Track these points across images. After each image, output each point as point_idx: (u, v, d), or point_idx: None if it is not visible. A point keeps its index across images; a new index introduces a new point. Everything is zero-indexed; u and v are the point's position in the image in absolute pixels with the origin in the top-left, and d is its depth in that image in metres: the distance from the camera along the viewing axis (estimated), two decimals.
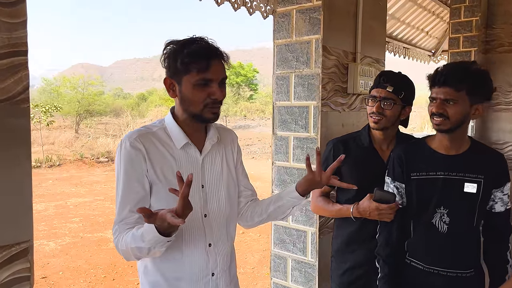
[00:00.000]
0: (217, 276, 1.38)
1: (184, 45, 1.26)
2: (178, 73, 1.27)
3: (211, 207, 1.37)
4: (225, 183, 1.43)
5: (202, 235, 1.35)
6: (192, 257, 1.33)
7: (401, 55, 5.60)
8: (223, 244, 1.41)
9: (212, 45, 1.29)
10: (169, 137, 1.34)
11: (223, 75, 1.30)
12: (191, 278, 1.33)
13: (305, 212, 2.52)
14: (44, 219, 8.04)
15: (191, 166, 1.35)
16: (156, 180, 1.29)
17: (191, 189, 1.29)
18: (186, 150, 1.35)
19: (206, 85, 1.26)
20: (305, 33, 2.44)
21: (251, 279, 5.08)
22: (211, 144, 1.40)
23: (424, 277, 1.69)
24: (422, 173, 1.68)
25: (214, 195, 1.39)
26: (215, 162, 1.42)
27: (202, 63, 1.24)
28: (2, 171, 1.13)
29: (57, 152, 16.57)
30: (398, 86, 1.88)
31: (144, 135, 1.31)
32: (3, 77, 1.12)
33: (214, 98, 1.27)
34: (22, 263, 1.18)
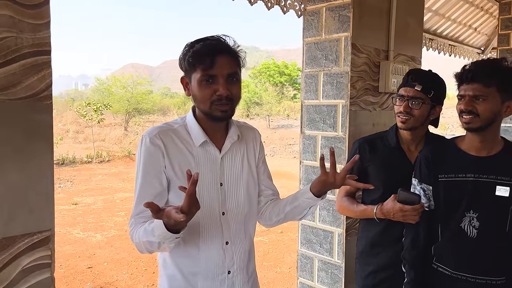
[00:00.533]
0: (233, 274, 1.38)
1: (192, 45, 1.28)
2: (188, 72, 1.29)
3: (229, 205, 1.37)
4: (244, 182, 1.42)
5: (219, 233, 1.35)
6: (208, 254, 1.34)
7: (446, 52, 5.38)
8: (240, 242, 1.40)
9: (219, 42, 1.29)
10: (189, 135, 1.35)
11: (229, 70, 1.27)
12: (207, 274, 1.35)
13: (332, 213, 2.49)
14: (93, 212, 8.42)
15: (210, 164, 1.35)
16: (174, 176, 1.31)
17: (209, 187, 1.32)
18: (205, 148, 1.35)
19: (212, 81, 1.26)
20: (334, 31, 2.41)
21: (288, 279, 5.08)
22: (231, 143, 1.39)
23: (452, 283, 1.63)
24: (451, 175, 1.62)
25: (233, 193, 1.39)
26: (235, 160, 1.41)
27: (206, 60, 1.24)
28: (25, 163, 1.21)
29: (107, 148, 17.31)
30: (427, 85, 1.81)
31: (164, 132, 1.32)
32: (27, 75, 1.19)
33: (219, 95, 1.25)
34: (44, 250, 1.25)
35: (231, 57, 1.29)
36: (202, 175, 1.32)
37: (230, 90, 1.27)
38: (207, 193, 1.33)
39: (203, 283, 1.35)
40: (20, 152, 1.19)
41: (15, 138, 1.18)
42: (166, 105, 31.45)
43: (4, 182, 1.16)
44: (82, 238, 6.72)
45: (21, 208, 1.20)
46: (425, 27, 4.51)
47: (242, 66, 1.35)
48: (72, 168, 13.74)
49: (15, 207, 1.19)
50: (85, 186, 11.08)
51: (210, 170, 1.34)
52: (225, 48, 1.28)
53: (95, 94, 26.10)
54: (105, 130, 20.81)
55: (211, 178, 1.34)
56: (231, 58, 1.29)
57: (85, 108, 17.94)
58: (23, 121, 1.19)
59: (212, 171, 1.35)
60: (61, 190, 10.29)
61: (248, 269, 1.45)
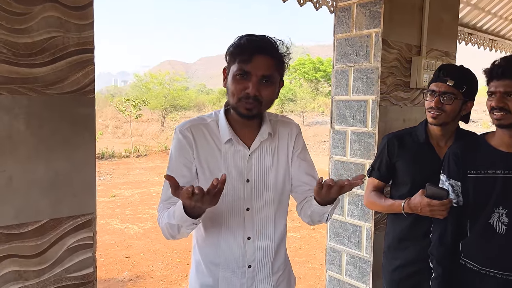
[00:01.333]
0: (254, 268, 1.40)
1: (240, 38, 1.29)
2: (229, 63, 1.31)
3: (256, 202, 1.38)
4: (273, 178, 1.41)
5: (241, 228, 1.36)
6: (228, 246, 1.37)
7: (486, 47, 5.21)
8: (266, 238, 1.41)
9: (263, 41, 1.28)
10: (219, 130, 1.36)
11: (265, 71, 1.25)
12: (227, 265, 1.39)
13: (360, 207, 2.52)
14: (130, 205, 8.71)
15: (237, 160, 1.35)
16: (200, 168, 1.35)
17: (234, 182, 1.33)
18: (232, 144, 1.35)
19: (245, 78, 1.26)
20: (365, 27, 2.42)
21: (319, 275, 5.10)
22: (260, 141, 1.38)
23: (480, 279, 1.62)
24: (480, 171, 1.61)
25: (261, 189, 1.38)
26: (265, 157, 1.40)
27: (245, 55, 1.24)
28: (71, 153, 1.32)
29: (144, 143, 17.78)
30: (459, 80, 1.80)
31: (196, 126, 1.36)
32: (73, 71, 1.31)
33: (247, 93, 1.25)
34: (86, 232, 1.37)
35: (271, 58, 1.27)
36: (228, 170, 1.34)
37: (260, 91, 1.26)
38: (232, 188, 1.34)
39: (224, 274, 1.39)
40: (67, 143, 1.31)
41: (62, 129, 1.30)
42: (202, 102, 31.86)
43: (53, 169, 1.29)
44: (120, 229, 6.98)
45: (67, 193, 1.32)
46: (464, 21, 4.40)
47: (283, 71, 1.33)
48: (111, 162, 14.22)
49: (62, 192, 1.31)
50: (123, 180, 11.45)
51: (237, 166, 1.35)
52: (267, 48, 1.27)
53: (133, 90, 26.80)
54: (143, 126, 21.35)
55: (237, 174, 1.35)
56: (271, 59, 1.27)
57: (124, 104, 18.49)
58: (70, 114, 1.31)
59: (238, 167, 1.36)
60: (100, 183, 10.70)
61: (273, 264, 1.45)
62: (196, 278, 1.45)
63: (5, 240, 1.22)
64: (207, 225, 1.37)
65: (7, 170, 1.21)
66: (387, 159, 1.97)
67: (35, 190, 1.26)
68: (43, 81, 1.25)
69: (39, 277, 1.28)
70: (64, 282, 1.33)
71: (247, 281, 1.40)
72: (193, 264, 1.47)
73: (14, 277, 1.24)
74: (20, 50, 1.21)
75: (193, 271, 1.47)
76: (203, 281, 1.42)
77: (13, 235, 1.23)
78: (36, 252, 1.28)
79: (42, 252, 1.29)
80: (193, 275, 1.47)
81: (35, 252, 1.27)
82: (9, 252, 1.23)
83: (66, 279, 1.33)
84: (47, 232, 1.29)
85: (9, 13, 1.18)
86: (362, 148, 2.49)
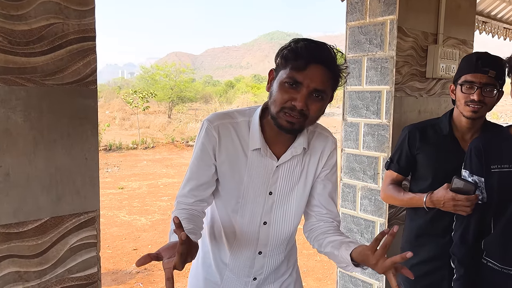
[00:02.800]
0: (259, 281, 1.36)
1: (297, 41, 1.16)
2: (278, 66, 1.18)
3: (275, 216, 1.30)
4: (298, 195, 1.32)
5: (254, 242, 1.30)
6: (238, 257, 1.32)
7: (500, 36, 5.07)
8: (277, 254, 1.36)
9: (324, 51, 1.15)
10: (248, 133, 1.25)
11: (318, 85, 1.12)
12: (233, 272, 1.34)
13: (374, 202, 2.44)
14: (138, 197, 8.73)
15: (263, 170, 1.25)
16: (221, 171, 1.26)
17: (256, 193, 1.24)
18: (261, 153, 1.24)
19: (294, 88, 1.13)
20: (380, 14, 2.32)
21: (327, 268, 5.07)
22: (292, 154, 1.26)
23: (501, 278, 1.56)
24: (505, 166, 1.54)
25: (282, 204, 1.30)
26: (293, 172, 1.29)
27: (300, 62, 1.11)
28: (72, 147, 1.26)
29: (151, 135, 17.82)
30: (500, 71, 1.68)
31: (224, 125, 1.25)
32: (73, 60, 1.23)
33: (293, 104, 1.12)
34: (90, 230, 1.31)
35: (328, 71, 1.14)
36: (252, 179, 1.25)
37: (309, 106, 1.14)
38: (252, 199, 1.27)
39: (229, 275, 1.35)
40: (67, 136, 1.24)
41: (63, 122, 1.23)
42: (208, 93, 31.89)
43: (53, 164, 1.22)
44: (128, 221, 6.99)
45: (68, 190, 1.25)
46: (478, 9, 4.27)
47: (336, 87, 1.21)
48: (118, 154, 14.27)
49: (63, 188, 1.24)
50: (130, 171, 11.48)
51: (262, 176, 1.26)
52: (325, 58, 1.14)
53: (140, 82, 26.83)
54: (150, 118, 21.39)
55: (261, 185, 1.26)
56: (327, 71, 1.14)
57: (132, 96, 18.51)
58: (70, 106, 1.24)
59: (263, 178, 1.26)
60: (108, 175, 10.73)
61: (277, 271, 1.40)
62: (201, 269, 1.40)
63: (4, 240, 1.16)
64: (224, 226, 1.31)
65: (4, 166, 1.14)
66: (407, 152, 1.89)
67: (34, 187, 1.19)
68: (42, 71, 1.18)
69: (40, 278, 1.23)
70: (67, 282, 1.27)
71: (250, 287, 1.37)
72: (198, 254, 1.40)
73: (14, 278, 1.18)
74: (17, 38, 1.13)
75: (198, 261, 1.42)
76: (208, 276, 1.38)
77: (12, 234, 1.17)
78: (37, 252, 1.22)
79: (43, 252, 1.23)
80: (199, 265, 1.42)
81: (35, 252, 1.21)
82: (9, 252, 1.17)
83: (69, 280, 1.27)
84: (48, 231, 1.23)
85: None
86: (376, 140, 2.40)
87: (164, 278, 0.96)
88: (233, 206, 1.27)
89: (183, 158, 14.23)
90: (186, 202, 1.27)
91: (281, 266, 1.40)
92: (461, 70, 1.76)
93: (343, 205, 2.60)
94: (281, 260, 1.38)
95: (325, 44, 1.17)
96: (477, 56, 1.72)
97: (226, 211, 1.29)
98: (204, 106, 27.06)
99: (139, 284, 4.59)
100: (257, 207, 1.27)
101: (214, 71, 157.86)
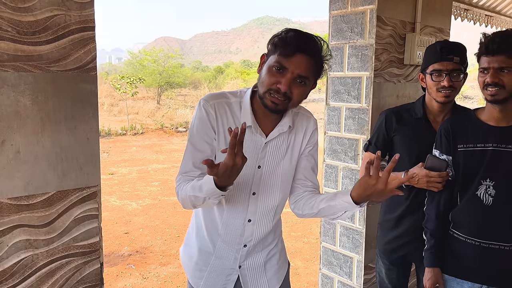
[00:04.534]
0: (249, 248, 1.49)
1: (287, 31, 1.29)
2: (269, 52, 1.31)
3: (262, 188, 1.42)
4: (283, 169, 1.44)
5: (244, 210, 1.42)
6: (229, 224, 1.45)
7: (482, 23, 5.22)
8: (265, 223, 1.47)
9: (310, 42, 1.27)
10: (240, 112, 1.38)
11: (302, 72, 1.25)
12: (225, 241, 1.47)
13: (354, 181, 2.59)
14: (128, 182, 8.81)
15: (252, 146, 1.38)
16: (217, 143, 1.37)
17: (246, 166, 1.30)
18: (251, 130, 1.37)
19: (280, 72, 1.26)
20: (360, 4, 2.45)
21: (314, 249, 5.24)
22: (279, 132, 1.40)
23: (466, 248, 1.70)
24: (470, 145, 1.67)
25: (269, 177, 1.42)
26: (280, 148, 1.42)
27: (287, 49, 1.23)
28: (75, 127, 1.38)
29: (140, 121, 17.77)
30: (462, 56, 1.85)
31: (219, 103, 1.37)
32: (75, 48, 1.35)
33: (278, 87, 1.25)
34: (92, 203, 1.44)
35: (312, 61, 1.27)
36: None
37: (292, 90, 1.27)
38: (243, 172, 1.35)
39: (221, 244, 1.48)
40: (71, 118, 1.36)
41: (67, 105, 1.35)
42: (198, 79, 31.59)
43: (59, 143, 1.34)
44: (118, 205, 7.09)
45: (72, 166, 1.38)
46: None
47: (320, 75, 1.34)
48: (107, 140, 14.25)
49: (68, 165, 1.37)
50: (120, 157, 11.52)
51: (252, 152, 1.38)
52: (311, 48, 1.27)
53: (128, 68, 26.53)
54: (139, 103, 21.27)
55: (251, 159, 1.38)
56: (312, 61, 1.27)
57: (120, 81, 18.38)
58: (73, 90, 1.36)
59: (253, 153, 1.39)
60: None
61: (265, 240, 1.53)
62: (195, 241, 1.53)
63: (15, 211, 1.28)
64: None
65: (15, 144, 1.26)
66: (384, 134, 2.03)
67: (42, 163, 1.32)
68: (47, 58, 1.29)
69: (48, 245, 1.36)
70: (72, 250, 1.41)
71: (240, 258, 1.50)
72: (193, 228, 1.55)
73: (25, 246, 1.32)
74: (24, 28, 1.24)
75: (191, 234, 1.56)
76: (202, 246, 1.51)
77: (23, 206, 1.30)
78: (45, 222, 1.35)
79: (51, 222, 1.36)
80: (193, 238, 1.55)
81: (44, 222, 1.34)
82: (20, 222, 1.30)
83: (74, 248, 1.41)
84: (55, 203, 1.36)
85: None
86: (356, 123, 2.55)
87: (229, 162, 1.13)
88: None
89: (172, 144, 14.27)
90: (192, 175, 1.37)
91: (268, 236, 1.53)
92: (427, 60, 1.91)
93: (326, 184, 2.75)
94: (269, 230, 1.51)
95: (313, 36, 1.29)
96: (440, 46, 1.86)
97: None
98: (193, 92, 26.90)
99: (131, 266, 4.71)
100: (247, 179, 1.39)
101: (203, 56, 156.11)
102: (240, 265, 1.50)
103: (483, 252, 1.65)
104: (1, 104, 1.23)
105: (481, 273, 1.67)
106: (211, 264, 1.49)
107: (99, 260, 1.48)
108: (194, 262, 1.52)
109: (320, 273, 2.89)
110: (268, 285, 1.55)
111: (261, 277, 1.54)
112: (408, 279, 2.18)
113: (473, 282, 1.69)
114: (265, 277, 1.55)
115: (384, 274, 2.17)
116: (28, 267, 1.33)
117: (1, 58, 1.21)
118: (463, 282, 1.71)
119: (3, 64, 1.22)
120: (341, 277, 2.75)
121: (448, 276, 1.75)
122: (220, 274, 1.50)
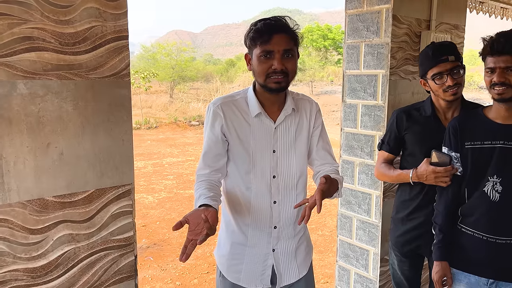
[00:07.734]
0: (279, 229, 1.60)
1: (255, 23, 1.44)
2: (250, 48, 1.46)
3: (280, 170, 1.56)
4: (297, 150, 1.58)
5: (268, 193, 1.55)
6: (258, 210, 1.57)
7: (497, 15, 5.19)
8: (289, 203, 1.59)
9: (277, 22, 1.43)
10: (247, 106, 1.53)
11: (285, 46, 1.40)
12: (256, 226, 1.58)
13: (370, 176, 2.67)
14: (143, 176, 8.97)
15: (264, 133, 1.53)
16: (230, 136, 1.53)
17: (262, 152, 1.53)
18: (260, 118, 1.52)
19: (269, 57, 1.40)
20: (376, 3, 2.50)
21: (329, 241, 5.32)
22: (285, 115, 1.54)
23: (474, 243, 1.74)
24: (477, 142, 1.71)
25: (285, 159, 1.56)
26: (289, 130, 1.57)
27: (264, 37, 1.39)
28: (112, 130, 1.48)
29: (154, 115, 17.97)
30: (455, 52, 1.91)
31: (226, 103, 1.53)
32: (111, 56, 1.44)
33: (274, 68, 1.40)
34: (126, 200, 1.54)
35: (287, 35, 1.42)
36: (256, 141, 1.53)
37: (285, 65, 1.42)
38: (261, 158, 1.54)
39: (252, 233, 1.58)
40: (107, 121, 1.46)
41: (104, 109, 1.45)
42: (209, 72, 31.65)
43: (97, 145, 1.45)
44: (135, 199, 7.23)
45: (109, 166, 1.49)
46: None
47: (299, 44, 1.48)
48: None
49: (105, 165, 1.48)
50: (135, 151, 11.60)
51: (264, 138, 1.54)
52: (282, 27, 1.42)
53: (140, 61, 26.72)
54: (152, 97, 21.47)
55: (265, 145, 1.54)
56: (287, 36, 1.42)
57: (133, 76, 18.55)
58: (109, 96, 1.46)
59: (266, 139, 1.54)
60: None
61: (295, 226, 1.63)
62: (226, 237, 1.64)
63: (59, 208, 1.39)
64: (242, 190, 1.56)
65: (59, 146, 1.37)
66: (396, 133, 2.10)
67: (83, 164, 1.42)
68: (86, 66, 1.39)
69: (88, 239, 1.47)
70: (110, 243, 1.52)
71: (273, 240, 1.59)
72: (222, 225, 1.66)
73: (68, 239, 1.43)
74: (66, 39, 1.34)
75: (223, 231, 1.67)
76: (234, 239, 1.61)
77: (66, 203, 1.41)
78: (86, 218, 1.45)
79: (90, 218, 1.46)
80: (223, 235, 1.66)
81: (84, 218, 1.45)
82: (64, 218, 1.41)
83: (111, 241, 1.52)
84: (94, 200, 1.47)
85: (54, 6, 1.31)
86: (372, 120, 2.61)
87: (182, 246, 1.29)
88: (246, 168, 1.54)
89: (186, 137, 14.41)
90: (203, 173, 1.53)
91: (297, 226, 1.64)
92: (424, 66, 1.96)
93: None
94: (294, 211, 1.61)
95: (276, 17, 1.45)
96: (432, 50, 1.92)
97: (240, 175, 1.55)
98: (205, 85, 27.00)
99: (150, 258, 4.85)
100: (266, 164, 1.54)
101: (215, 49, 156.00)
102: (274, 249, 1.60)
103: (491, 246, 1.69)
104: (46, 110, 1.33)
105: (488, 267, 1.71)
106: (246, 255, 1.60)
107: (133, 253, 1.58)
108: (230, 258, 1.62)
109: (337, 265, 2.98)
110: (298, 271, 1.66)
111: (292, 262, 1.65)
112: (421, 272, 2.25)
113: (480, 276, 1.73)
114: (296, 263, 1.66)
115: (396, 266, 2.24)
116: (71, 259, 1.44)
117: (46, 68, 1.32)
118: (470, 276, 1.75)
119: (47, 73, 1.32)
120: (358, 269, 2.83)
121: (456, 269, 1.80)
122: (257, 262, 1.60)
